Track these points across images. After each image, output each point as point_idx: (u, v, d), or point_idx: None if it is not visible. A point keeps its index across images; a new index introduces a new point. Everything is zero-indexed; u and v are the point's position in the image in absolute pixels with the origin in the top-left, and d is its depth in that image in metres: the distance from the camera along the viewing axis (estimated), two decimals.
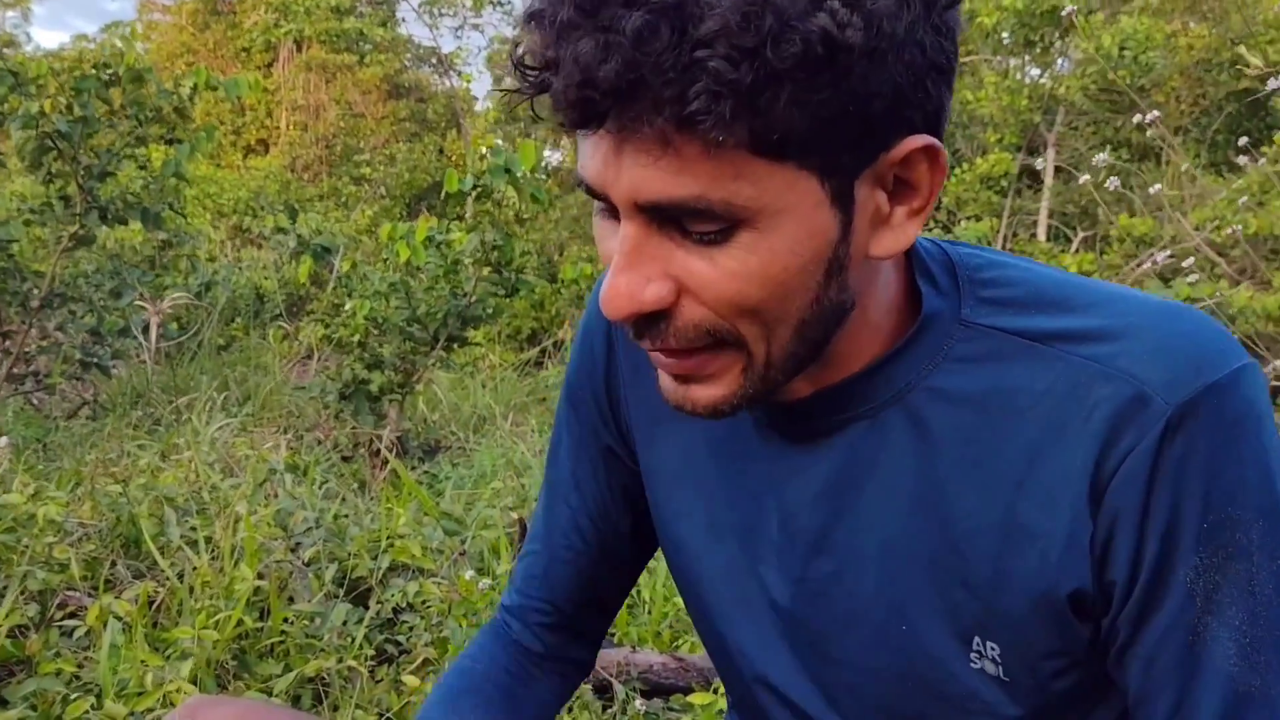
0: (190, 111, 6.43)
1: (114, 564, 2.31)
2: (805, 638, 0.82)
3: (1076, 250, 11.34)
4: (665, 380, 0.72)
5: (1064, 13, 1.85)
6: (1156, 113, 1.63)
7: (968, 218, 12.23)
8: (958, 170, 13.21)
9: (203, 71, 6.08)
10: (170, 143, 6.25)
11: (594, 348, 0.94)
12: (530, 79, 0.62)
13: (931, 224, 12.98)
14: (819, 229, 0.65)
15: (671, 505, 0.90)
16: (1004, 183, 13.68)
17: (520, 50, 0.62)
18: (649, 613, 2.22)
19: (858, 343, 0.74)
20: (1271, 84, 1.29)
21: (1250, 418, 0.67)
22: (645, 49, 0.56)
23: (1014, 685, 0.74)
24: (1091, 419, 0.68)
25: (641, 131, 0.59)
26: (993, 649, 0.73)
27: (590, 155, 0.64)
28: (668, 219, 0.63)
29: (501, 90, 0.68)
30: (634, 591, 2.29)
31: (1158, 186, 1.98)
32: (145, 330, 5.30)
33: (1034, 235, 14.27)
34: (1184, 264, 1.95)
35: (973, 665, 0.74)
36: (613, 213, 0.67)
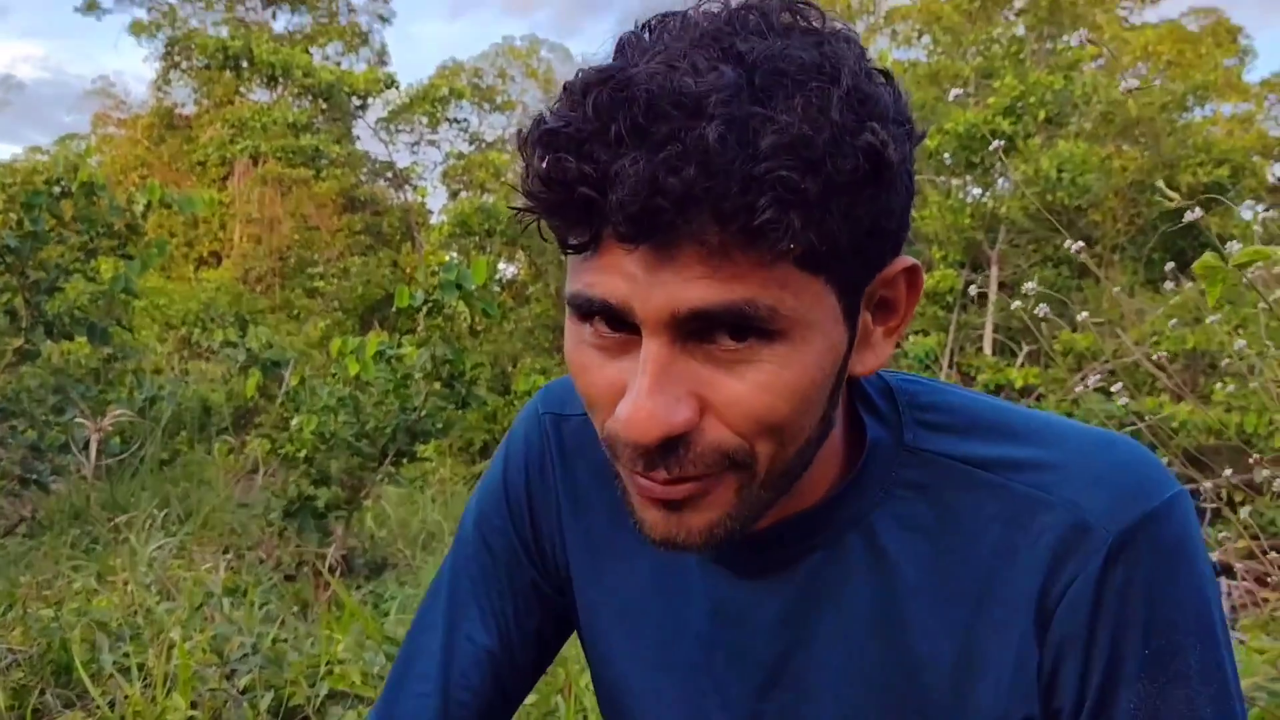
0: (142, 227, 6.44)
1: (43, 692, 2.23)
2: None
3: (1022, 364, 11.57)
4: (652, 514, 0.69)
5: (991, 147, 1.92)
6: (1081, 244, 1.69)
7: (915, 333, 12.45)
8: None
9: (156, 188, 6.11)
10: (121, 256, 6.24)
11: (519, 481, 0.90)
12: (557, 194, 0.61)
13: None
14: (835, 344, 0.66)
15: (612, 643, 0.87)
16: (950, 298, 14.01)
17: (543, 165, 0.61)
18: None
19: (817, 470, 0.73)
20: (1189, 216, 1.35)
21: (1186, 543, 0.70)
22: (720, 159, 0.57)
23: None
24: (1036, 546, 0.70)
25: (696, 243, 0.59)
26: None
27: (605, 272, 0.63)
28: (703, 332, 0.63)
29: (520, 209, 0.65)
30: (581, 714, 2.25)
31: (1084, 315, 2.03)
32: (86, 446, 5.20)
33: (980, 350, 14.56)
34: (1113, 388, 1.99)
35: None
36: (615, 335, 0.66)
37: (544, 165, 0.60)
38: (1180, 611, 0.69)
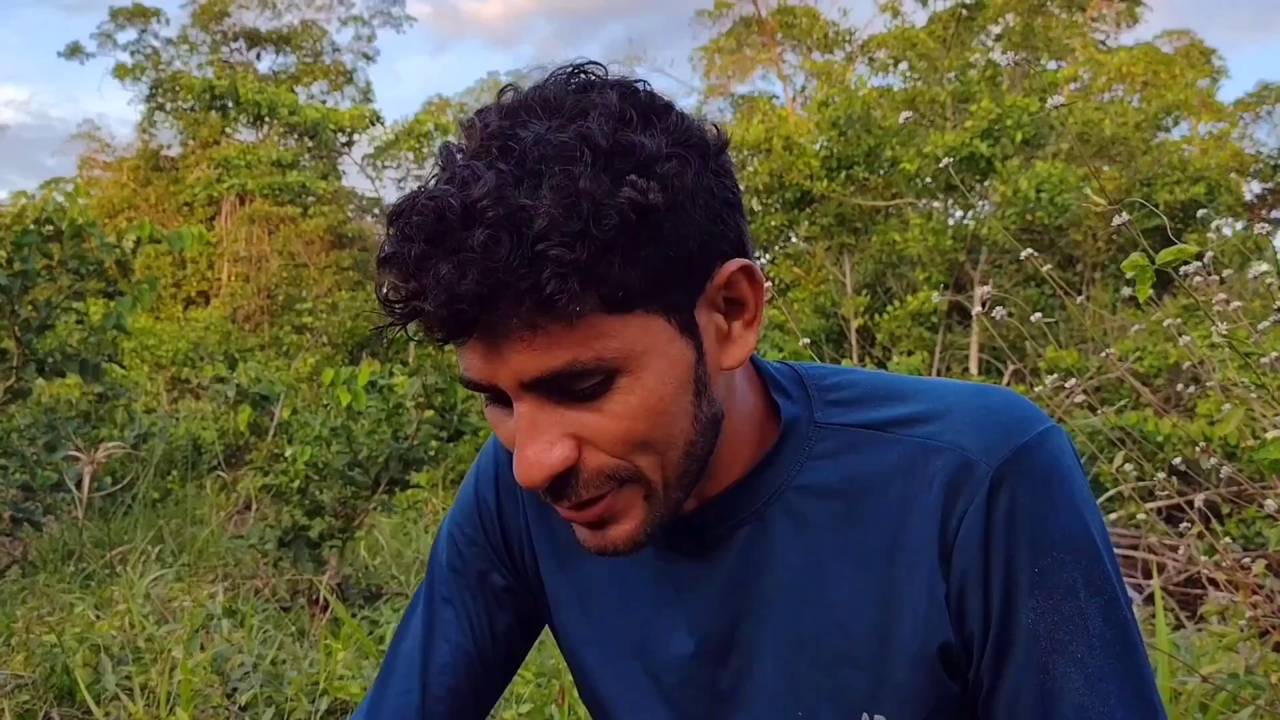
0: (132, 265, 6.49)
1: (48, 716, 2.26)
2: None
3: (1008, 383, 11.65)
4: (581, 532, 0.79)
5: (902, 118, 1.98)
6: (1049, 266, 1.76)
7: (901, 353, 12.54)
8: (890, 308, 13.63)
9: (146, 225, 6.16)
10: (110, 296, 6.28)
11: (490, 495, 0.98)
12: (399, 310, 0.69)
13: (866, 359, 13.31)
14: (678, 358, 0.74)
15: (576, 632, 0.95)
16: (934, 319, 14.10)
17: (384, 290, 0.70)
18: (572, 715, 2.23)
19: (731, 453, 0.82)
20: (1117, 220, 1.43)
21: (1058, 470, 0.78)
22: (494, 257, 0.65)
23: None
24: (932, 488, 0.79)
25: (509, 324, 0.68)
26: None
27: (469, 358, 0.72)
28: (552, 388, 0.72)
29: (376, 328, 0.75)
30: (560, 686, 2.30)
31: (1037, 316, 2.11)
32: (79, 483, 5.23)
33: (966, 369, 14.64)
34: (1077, 399, 2.06)
35: None
36: (502, 400, 0.75)
37: (382, 289, 0.70)
38: (1061, 530, 0.77)
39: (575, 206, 0.66)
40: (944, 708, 0.81)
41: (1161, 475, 2.00)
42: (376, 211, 23.93)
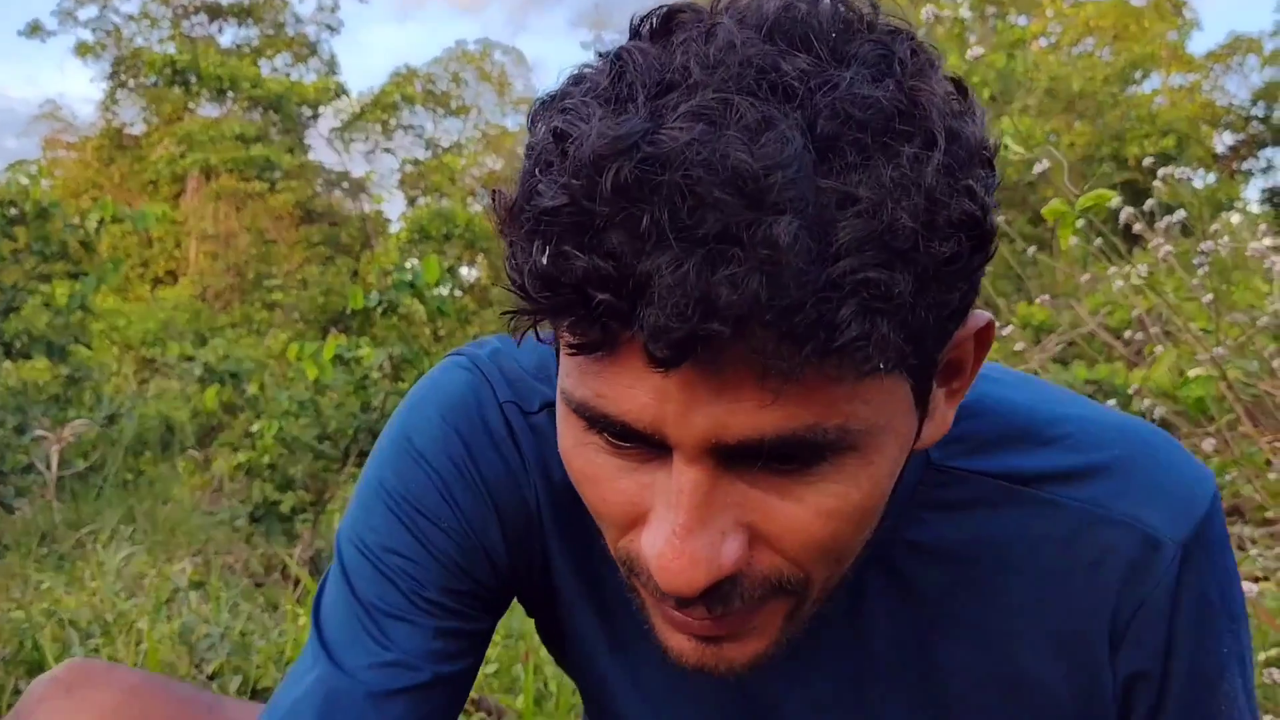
0: (96, 245, 6.44)
1: (17, 691, 2.28)
2: None
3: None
4: (679, 642, 0.58)
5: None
6: (1003, 217, 1.79)
7: None
8: None
9: (109, 204, 6.12)
10: (76, 277, 6.24)
11: (488, 472, 0.71)
12: (570, 300, 0.47)
13: None
14: (906, 437, 0.55)
15: (605, 678, 0.79)
16: None
17: (547, 264, 0.47)
18: (557, 703, 2.26)
19: None
20: (1038, 167, 1.45)
21: (1225, 532, 0.69)
22: (789, 267, 0.44)
23: None
24: (1103, 565, 0.66)
25: (752, 364, 0.47)
26: None
27: (625, 386, 0.50)
28: (751, 456, 0.51)
29: (513, 313, 0.50)
30: (540, 682, 2.33)
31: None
32: (48, 465, 5.22)
33: None
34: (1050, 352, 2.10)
35: None
36: (628, 449, 0.53)
37: (546, 261, 0.47)
38: (1234, 599, 0.68)
39: (912, 210, 0.45)
40: None
41: (1146, 404, 2.03)
42: (345, 185, 23.77)
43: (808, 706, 0.72)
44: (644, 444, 0.52)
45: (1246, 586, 1.29)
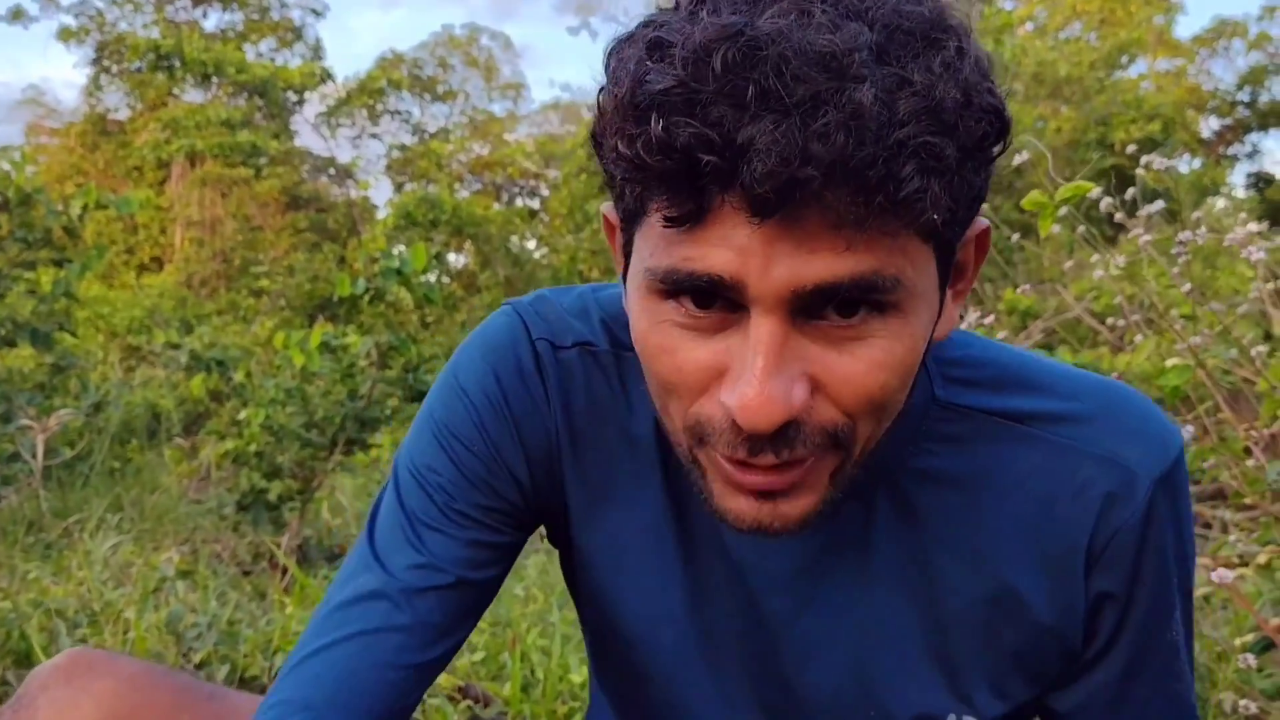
0: (80, 231, 6.41)
1: (5, 680, 2.28)
2: (771, 715, 0.82)
3: (970, 326, 11.77)
4: (740, 502, 0.66)
5: None
6: (987, 204, 1.78)
7: None
8: None
9: (93, 190, 6.08)
10: (59, 264, 6.21)
11: (504, 404, 0.80)
12: (676, 160, 0.56)
13: None
14: (933, 312, 0.64)
15: (609, 591, 0.85)
16: None
17: (663, 132, 0.55)
18: (544, 691, 2.27)
19: None
20: (1018, 158, 1.46)
21: (1187, 481, 0.78)
22: (868, 127, 0.53)
23: None
24: (1084, 496, 0.73)
25: (829, 214, 0.56)
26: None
27: (711, 245, 0.58)
28: (817, 308, 0.60)
29: (617, 181, 0.61)
30: (527, 670, 2.34)
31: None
32: (34, 454, 5.20)
33: None
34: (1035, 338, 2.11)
35: None
36: (705, 317, 0.62)
37: (660, 129, 0.55)
38: (1191, 539, 0.78)
39: (953, 93, 0.56)
40: (1028, 715, 0.80)
41: None
42: (331, 171, 23.67)
43: (820, 620, 0.78)
44: (725, 302, 0.60)
45: (1223, 572, 1.31)
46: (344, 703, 0.76)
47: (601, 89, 0.63)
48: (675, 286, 0.61)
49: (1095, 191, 1.64)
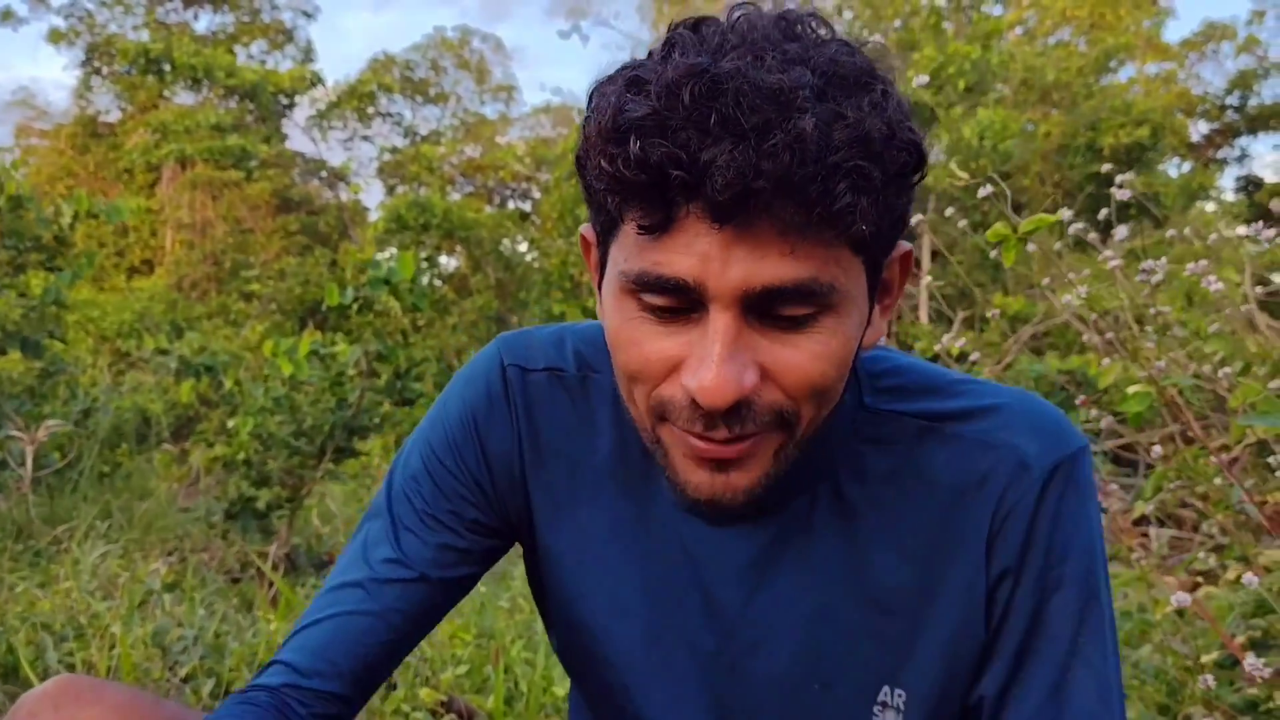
0: (71, 238, 6.40)
1: None
2: (722, 705, 0.89)
3: (958, 330, 11.81)
4: (699, 475, 0.76)
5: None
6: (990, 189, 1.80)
7: None
8: None
9: (84, 198, 6.08)
10: (50, 269, 6.20)
11: (475, 424, 0.92)
12: (645, 179, 0.66)
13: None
14: (861, 317, 0.75)
15: (571, 587, 0.93)
16: None
17: (640, 151, 0.65)
18: (527, 704, 2.29)
19: None
20: (983, 191, 1.49)
21: (1091, 483, 0.84)
22: (808, 149, 0.64)
23: None
24: (985, 484, 0.82)
25: (778, 224, 0.66)
26: (899, 695, 0.85)
27: (677, 252, 0.69)
28: (766, 308, 0.70)
29: (596, 194, 0.71)
30: (511, 682, 2.37)
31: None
32: (23, 462, 5.21)
33: (916, 318, 14.82)
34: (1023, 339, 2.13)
35: (874, 718, 0.85)
36: (668, 315, 0.72)
37: (638, 149, 0.66)
38: (1090, 539, 0.83)
39: (880, 128, 0.66)
40: (953, 701, 0.85)
41: (1093, 414, 2.06)
42: (322, 174, 23.64)
43: (769, 608, 0.86)
44: (686, 302, 0.71)
45: (1181, 595, 1.34)
46: (319, 669, 0.89)
47: (585, 119, 0.73)
48: (645, 287, 0.71)
49: (1065, 215, 1.67)
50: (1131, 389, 1.48)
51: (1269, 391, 1.35)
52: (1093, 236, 2.02)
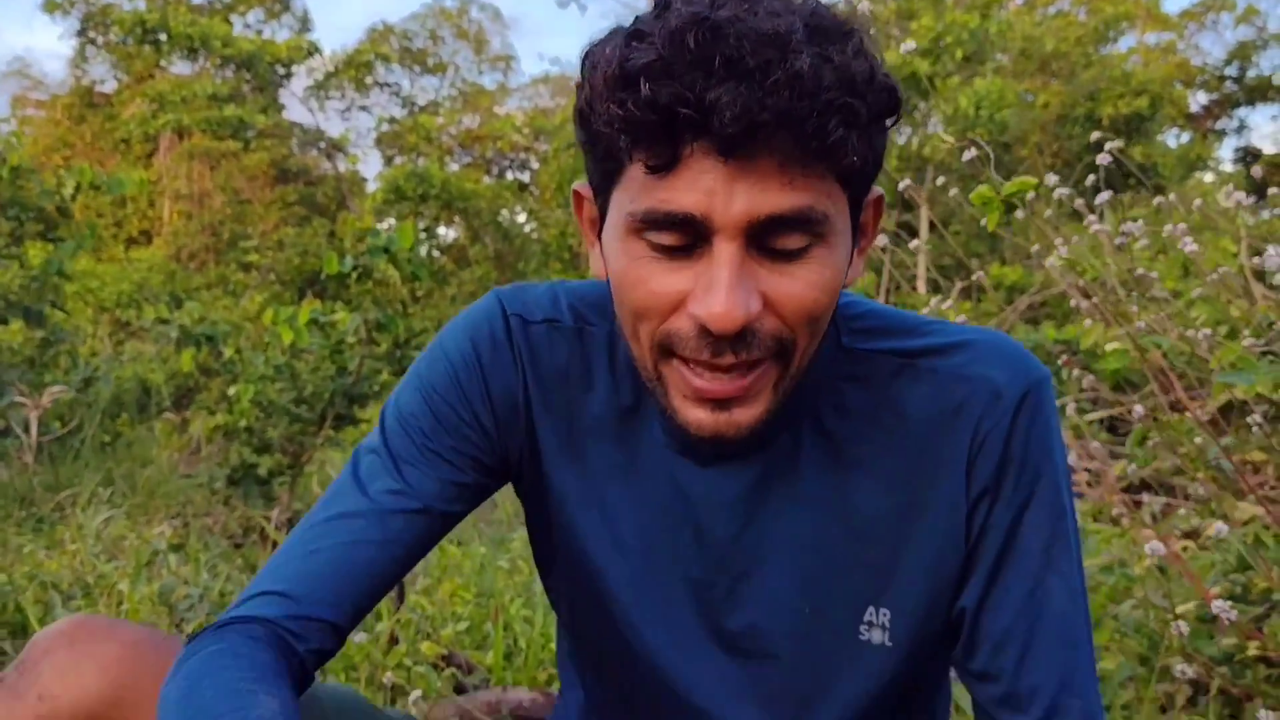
0: (72, 209, 6.42)
1: (2, 651, 2.35)
2: (718, 633, 0.94)
3: (955, 300, 11.81)
4: (699, 413, 0.80)
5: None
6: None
7: None
8: None
9: (87, 170, 6.09)
10: (49, 240, 6.22)
11: (480, 365, 0.94)
12: (653, 120, 0.71)
13: None
14: (847, 252, 0.81)
15: (576, 526, 0.96)
16: (881, 238, 14.22)
17: (649, 93, 0.71)
18: (525, 659, 2.35)
19: None
20: (967, 155, 1.52)
21: (1055, 408, 0.91)
22: (806, 87, 0.70)
23: (895, 650, 0.92)
24: (961, 413, 0.88)
25: (779, 157, 0.72)
26: (884, 614, 0.90)
27: (683, 189, 0.73)
28: (764, 239, 0.75)
29: (605, 132, 0.75)
30: (510, 639, 2.42)
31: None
32: (27, 429, 5.25)
33: (914, 288, 14.86)
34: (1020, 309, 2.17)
35: (860, 636, 0.91)
36: (672, 251, 0.76)
37: (647, 91, 0.71)
38: (1059, 458, 0.90)
39: (871, 71, 0.73)
40: (934, 617, 0.91)
41: (1075, 373, 2.09)
42: (320, 145, 23.57)
43: (758, 539, 0.91)
44: (692, 237, 0.75)
45: (1156, 544, 1.38)
46: (319, 598, 0.89)
47: (581, 81, 0.77)
48: (653, 224, 0.75)
49: (1051, 180, 1.70)
50: (1109, 345, 1.52)
51: (1246, 350, 1.39)
52: (1080, 204, 2.05)
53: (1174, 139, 18.68)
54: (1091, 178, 2.03)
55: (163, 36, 20.33)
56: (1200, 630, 1.79)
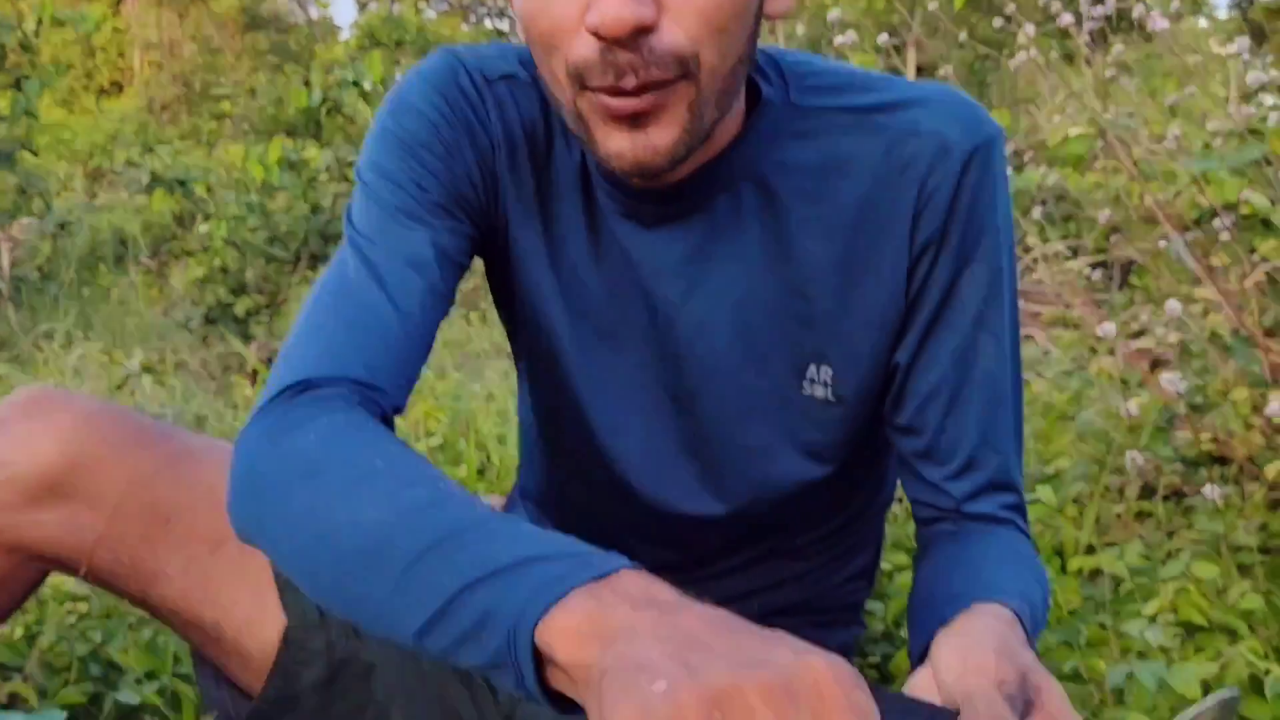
0: (37, 48, 6.22)
1: None
2: (671, 394, 0.95)
3: None
4: (618, 139, 0.77)
5: None
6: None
7: None
8: None
9: (48, 4, 5.88)
10: (18, 87, 6.04)
11: (462, 120, 0.90)
12: None
13: None
14: None
15: (535, 285, 0.95)
16: None
17: None
18: (498, 474, 2.39)
19: (724, 124, 0.84)
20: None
21: (1004, 167, 0.89)
22: None
23: (839, 405, 0.92)
24: (909, 168, 0.86)
25: None
26: (826, 372, 0.91)
27: None
28: None
29: None
30: (483, 456, 2.46)
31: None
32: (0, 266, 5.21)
33: None
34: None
35: (804, 392, 0.92)
36: None
37: None
38: (1003, 218, 0.89)
39: None
40: (876, 372, 0.92)
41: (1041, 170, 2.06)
42: None
43: (705, 300, 0.91)
44: None
45: (1108, 326, 1.39)
46: (397, 384, 0.82)
47: None
48: None
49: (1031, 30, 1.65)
50: (1073, 131, 1.50)
51: (1208, 136, 1.37)
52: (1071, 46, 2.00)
53: None
54: (1088, 25, 1.97)
55: None
56: (1160, 436, 1.82)
